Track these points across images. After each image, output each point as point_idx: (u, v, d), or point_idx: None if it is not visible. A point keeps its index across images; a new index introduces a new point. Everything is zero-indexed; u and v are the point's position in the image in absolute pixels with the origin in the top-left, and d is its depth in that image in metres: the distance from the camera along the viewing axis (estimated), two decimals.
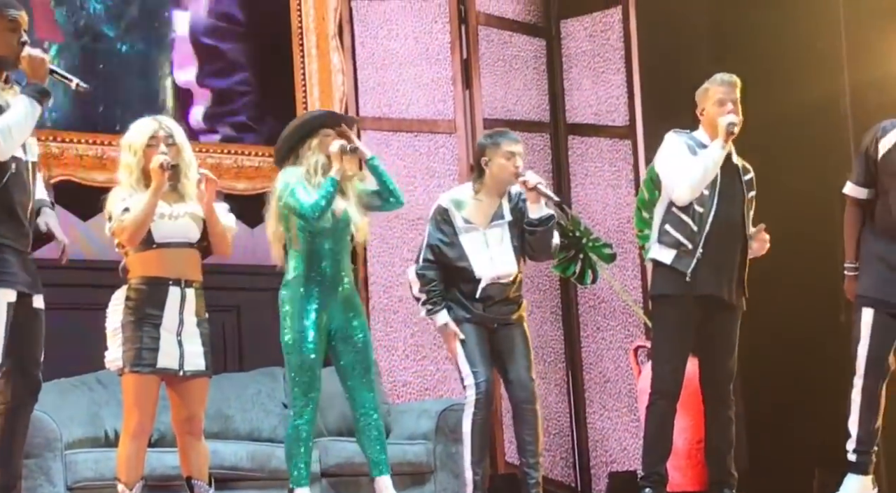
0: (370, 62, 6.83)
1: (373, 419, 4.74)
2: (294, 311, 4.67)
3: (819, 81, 6.57)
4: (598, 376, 7.04)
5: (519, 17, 7.15)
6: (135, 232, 4.28)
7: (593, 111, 7.20)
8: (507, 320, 5.06)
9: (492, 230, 5.04)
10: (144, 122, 4.47)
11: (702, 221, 4.84)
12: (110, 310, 4.38)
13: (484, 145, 5.13)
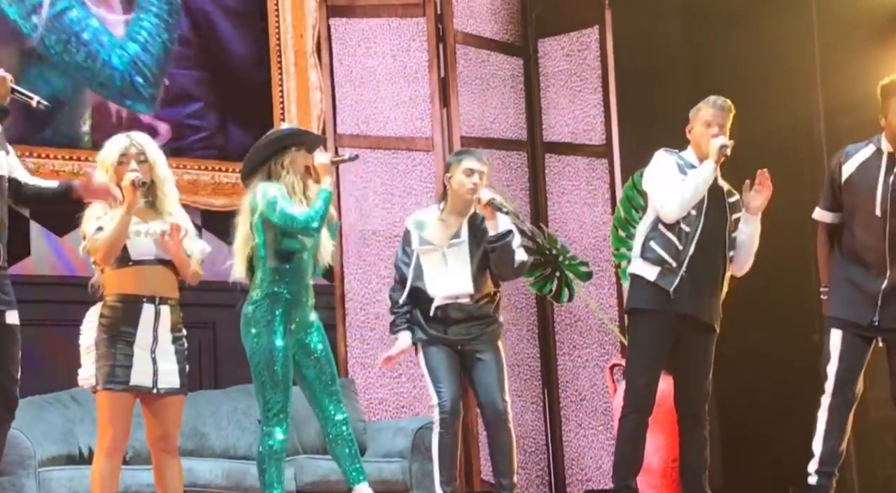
0: (348, 80, 6.84)
1: (342, 430, 4.70)
2: (262, 329, 4.61)
3: (793, 104, 6.62)
4: (574, 393, 7.06)
5: (496, 36, 7.18)
6: (108, 251, 4.27)
7: (570, 130, 7.23)
8: (473, 340, 5.02)
9: (450, 250, 5.03)
10: (116, 139, 4.45)
11: (687, 241, 4.85)
12: (84, 327, 4.37)
13: (449, 163, 5.16)
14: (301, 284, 4.67)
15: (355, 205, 6.73)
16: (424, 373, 5.01)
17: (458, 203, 5.06)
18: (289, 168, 4.64)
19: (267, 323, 4.60)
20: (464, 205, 5.06)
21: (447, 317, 5.00)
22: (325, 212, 4.54)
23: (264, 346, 4.59)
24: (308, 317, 4.70)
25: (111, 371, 4.28)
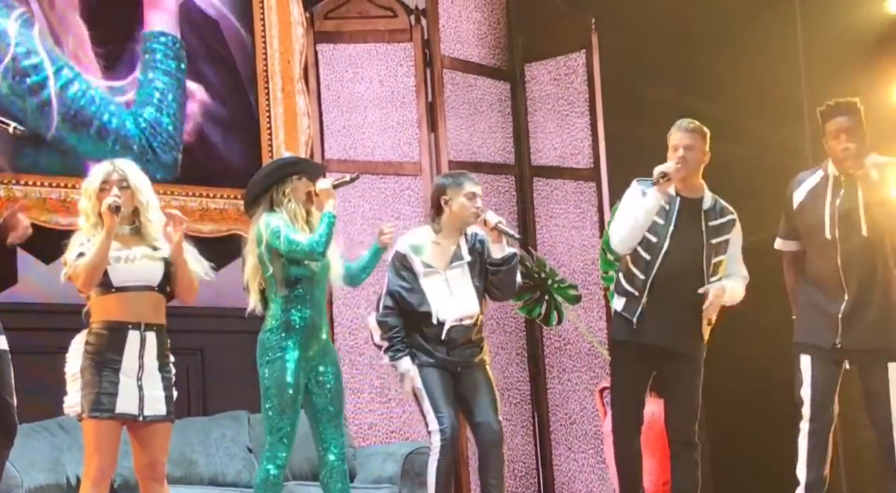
0: (336, 105, 6.86)
1: (337, 464, 4.70)
2: (275, 358, 4.65)
3: (781, 125, 6.63)
4: (564, 417, 7.04)
5: (484, 60, 7.20)
6: (88, 277, 4.25)
7: (558, 154, 7.25)
8: (470, 363, 5.05)
9: (452, 272, 5.05)
10: (99, 166, 4.45)
11: (648, 269, 4.86)
12: (70, 355, 4.34)
13: (444, 185, 5.13)
14: (315, 310, 4.69)
15: (343, 230, 6.71)
16: (422, 397, 4.99)
17: (456, 226, 5.06)
18: (290, 196, 4.70)
19: (280, 350, 4.64)
20: (462, 227, 5.07)
21: (451, 339, 5.00)
22: (328, 236, 4.58)
23: (276, 373, 4.62)
24: (324, 345, 4.73)
25: (97, 399, 4.25)
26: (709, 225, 4.93)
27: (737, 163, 6.30)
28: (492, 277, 5.06)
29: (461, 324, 5.01)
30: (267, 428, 4.66)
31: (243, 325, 6.48)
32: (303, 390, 4.67)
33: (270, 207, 4.69)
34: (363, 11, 6.91)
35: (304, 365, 4.67)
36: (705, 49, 6.99)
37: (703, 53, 7.00)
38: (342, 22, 6.89)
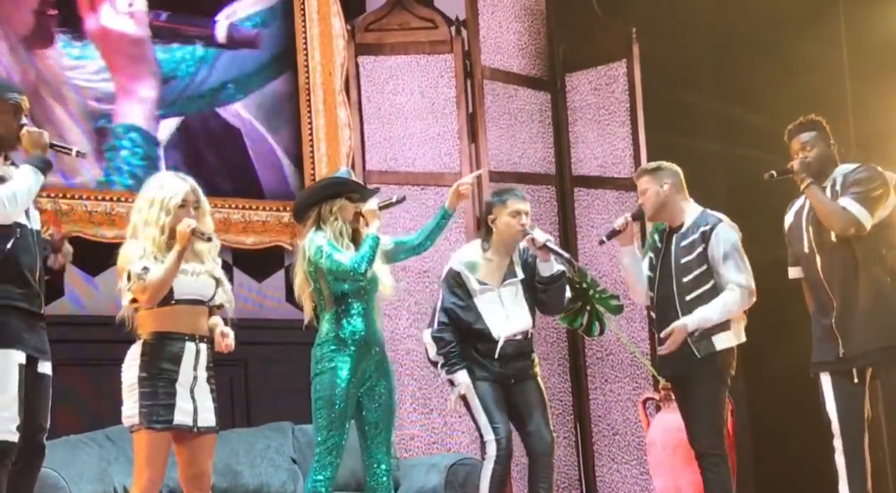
0: (376, 117, 6.88)
1: (383, 480, 4.73)
2: (325, 369, 4.67)
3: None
4: (607, 428, 7.02)
5: (524, 71, 7.20)
6: (156, 292, 4.27)
7: (599, 163, 7.23)
8: (523, 374, 5.09)
9: (505, 289, 5.12)
10: (175, 181, 4.44)
11: (655, 307, 5.04)
12: (126, 365, 4.36)
13: (491, 204, 5.20)
14: (367, 323, 4.72)
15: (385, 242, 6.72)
16: (477, 409, 5.02)
17: (505, 243, 5.11)
18: (337, 214, 4.74)
19: (331, 362, 4.66)
20: (511, 245, 5.12)
21: (505, 354, 5.06)
22: (370, 256, 4.63)
23: (326, 385, 4.65)
24: (379, 359, 4.75)
25: (153, 410, 4.27)
26: (680, 246, 4.98)
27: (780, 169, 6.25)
28: (540, 294, 5.11)
29: (514, 339, 5.07)
30: (317, 440, 4.68)
31: (286, 336, 6.55)
32: (354, 404, 4.70)
33: (318, 223, 4.74)
34: (404, 23, 6.94)
35: (357, 379, 4.69)
36: (748, 58, 6.96)
37: (746, 62, 6.97)
38: (383, 34, 6.92)
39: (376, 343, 4.75)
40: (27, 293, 4.07)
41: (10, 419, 3.95)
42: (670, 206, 5.02)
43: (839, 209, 4.64)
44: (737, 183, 6.89)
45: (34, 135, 4.13)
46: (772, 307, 5.09)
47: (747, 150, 6.54)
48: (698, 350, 4.92)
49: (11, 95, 4.15)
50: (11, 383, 3.96)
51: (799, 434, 6.67)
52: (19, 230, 4.07)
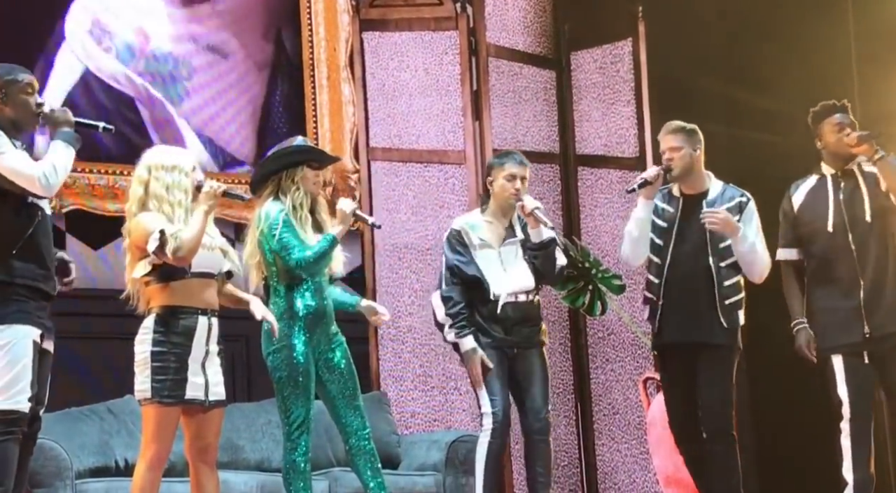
0: (381, 93, 6.85)
1: (364, 444, 4.69)
2: (280, 346, 4.62)
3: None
4: (607, 407, 7.02)
5: (529, 48, 7.17)
6: (190, 252, 4.25)
7: (603, 142, 7.21)
8: (527, 343, 5.05)
9: (505, 248, 5.10)
10: (180, 150, 4.53)
11: (660, 273, 4.94)
12: (138, 339, 4.34)
13: (491, 166, 5.23)
14: (318, 298, 4.67)
15: (388, 218, 6.73)
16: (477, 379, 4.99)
17: (501, 206, 5.12)
18: (298, 184, 4.67)
19: (285, 338, 4.61)
20: (507, 208, 5.13)
21: (507, 317, 5.01)
22: (319, 256, 4.56)
23: (284, 360, 4.61)
24: (330, 331, 4.70)
25: (165, 385, 4.27)
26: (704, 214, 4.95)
27: (785, 154, 6.25)
28: (533, 261, 5.08)
29: (516, 300, 5.02)
30: (283, 418, 4.63)
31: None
32: (314, 377, 4.64)
33: (276, 194, 4.66)
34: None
35: (313, 352, 4.64)
36: (755, 40, 6.94)
37: (753, 44, 6.95)
38: (388, 10, 6.89)
39: (326, 315, 4.69)
40: (46, 274, 4.12)
41: (23, 390, 3.98)
42: (697, 171, 4.97)
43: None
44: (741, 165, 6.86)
45: (58, 113, 4.13)
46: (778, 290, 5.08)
47: (752, 132, 6.54)
48: (728, 321, 4.87)
49: (23, 76, 4.14)
50: (27, 356, 4.00)
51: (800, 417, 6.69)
52: (40, 213, 4.11)
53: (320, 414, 4.84)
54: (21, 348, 3.99)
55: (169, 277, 4.33)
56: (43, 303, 4.12)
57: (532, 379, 5.03)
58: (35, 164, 4.03)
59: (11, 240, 4.02)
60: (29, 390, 4.00)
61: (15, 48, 5.74)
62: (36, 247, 4.08)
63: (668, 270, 4.90)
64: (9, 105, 4.09)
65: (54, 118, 4.13)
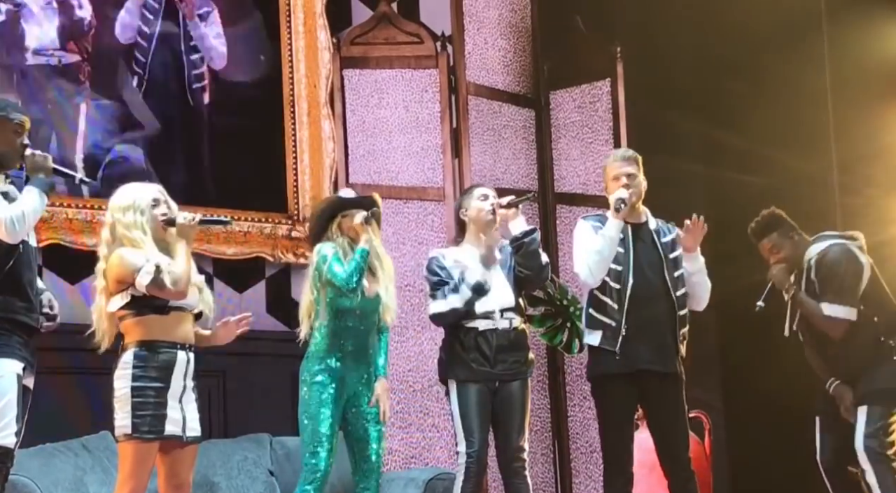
0: (361, 130, 6.88)
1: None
2: (312, 386, 4.71)
3: (807, 155, 6.64)
4: (585, 445, 7.01)
5: (508, 87, 7.22)
6: (187, 284, 4.28)
7: (581, 181, 7.25)
8: (511, 374, 4.98)
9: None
10: (140, 185, 4.50)
11: (620, 298, 4.89)
12: (118, 374, 4.31)
13: (459, 201, 5.26)
14: (358, 343, 4.73)
15: None
16: (455, 415, 4.96)
17: (479, 230, 5.10)
18: (337, 232, 4.87)
19: (317, 380, 4.70)
20: (485, 229, 5.10)
21: (490, 346, 4.95)
22: (357, 268, 4.69)
23: (311, 402, 4.70)
24: (366, 376, 4.76)
25: (146, 420, 4.25)
26: (662, 242, 5.00)
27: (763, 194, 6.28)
28: (517, 257, 5.03)
29: (497, 328, 4.96)
30: (304, 453, 4.71)
31: (265, 347, 6.53)
32: (339, 419, 4.71)
33: (326, 239, 4.90)
34: (390, 37, 6.95)
35: (343, 395, 4.71)
36: (731, 80, 7.00)
37: (730, 84, 7.01)
38: (369, 48, 6.94)
39: (365, 361, 4.74)
40: (28, 307, 4.12)
41: (9, 424, 3.97)
42: (639, 201, 5.03)
43: (826, 319, 4.97)
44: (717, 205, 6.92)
45: (38, 158, 4.16)
46: (749, 330, 5.11)
47: (729, 172, 6.58)
48: (681, 350, 4.91)
49: (16, 115, 4.18)
50: (12, 391, 4.00)
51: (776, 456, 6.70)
52: (22, 246, 4.12)
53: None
54: (6, 382, 3.99)
55: (147, 311, 4.31)
56: (25, 338, 4.11)
57: (509, 413, 4.97)
58: (6, 208, 4.03)
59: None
60: (15, 424, 3.98)
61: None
62: (17, 280, 4.07)
63: (629, 296, 4.88)
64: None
65: (34, 162, 4.16)
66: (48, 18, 6.25)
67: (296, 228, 6.82)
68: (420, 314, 6.58)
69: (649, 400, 4.94)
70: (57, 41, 6.25)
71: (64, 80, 6.23)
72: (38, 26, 6.19)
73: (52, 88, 6.20)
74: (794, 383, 6.40)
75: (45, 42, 6.21)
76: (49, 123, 6.15)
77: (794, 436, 6.40)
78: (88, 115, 6.34)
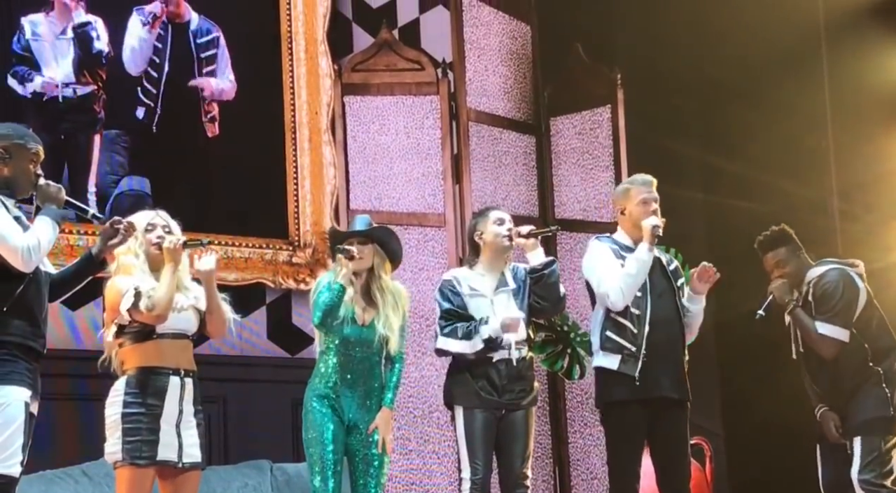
0: (361, 156, 6.90)
1: None
2: (313, 411, 4.71)
3: (807, 181, 6.65)
4: (586, 472, 7.00)
5: (509, 114, 7.24)
6: (166, 308, 4.27)
7: (581, 207, 7.26)
8: (517, 404, 4.96)
9: (498, 297, 5.00)
10: (140, 212, 4.52)
11: (640, 323, 4.88)
12: (109, 401, 4.32)
13: (474, 223, 5.13)
14: (359, 370, 4.73)
15: None
16: (461, 441, 4.93)
17: (494, 255, 5.04)
18: (338, 263, 4.80)
19: (317, 407, 4.70)
20: (499, 258, 5.03)
21: (500, 376, 4.91)
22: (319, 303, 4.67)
23: (313, 430, 4.69)
24: (368, 403, 4.75)
25: (136, 446, 4.24)
26: (670, 270, 5.02)
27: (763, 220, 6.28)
28: (534, 287, 4.99)
29: (509, 357, 4.95)
30: (312, 478, 4.70)
31: (266, 373, 6.54)
32: (342, 445, 4.71)
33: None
34: (391, 64, 6.98)
35: (344, 420, 4.72)
36: (732, 107, 7.02)
37: (730, 110, 7.02)
38: (370, 74, 6.96)
39: (366, 388, 4.74)
40: (36, 332, 4.10)
41: (15, 453, 3.96)
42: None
43: (819, 337, 4.95)
44: (717, 231, 6.93)
45: (52, 189, 4.15)
46: (748, 357, 5.11)
47: (728, 198, 6.59)
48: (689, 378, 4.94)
49: (33, 145, 4.17)
50: (18, 418, 3.98)
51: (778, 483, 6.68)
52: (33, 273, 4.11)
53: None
54: (14, 410, 3.97)
55: (140, 338, 4.32)
56: (34, 364, 4.11)
57: (512, 440, 4.95)
58: (22, 236, 4.02)
59: (1, 298, 4.00)
60: (20, 453, 3.97)
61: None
62: (27, 305, 4.06)
63: (649, 322, 4.87)
64: (9, 167, 4.11)
65: (48, 193, 4.15)
66: (63, 50, 6.30)
67: (297, 254, 6.83)
68: (421, 340, 6.59)
69: (657, 427, 4.91)
70: (72, 73, 6.31)
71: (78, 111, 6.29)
72: (54, 58, 6.25)
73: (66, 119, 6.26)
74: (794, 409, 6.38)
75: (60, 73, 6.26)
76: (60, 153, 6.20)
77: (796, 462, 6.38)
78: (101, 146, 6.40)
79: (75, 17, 6.38)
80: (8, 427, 3.95)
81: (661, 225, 4.90)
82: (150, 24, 6.61)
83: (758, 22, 6.81)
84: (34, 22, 6.28)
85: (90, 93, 6.38)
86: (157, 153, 6.59)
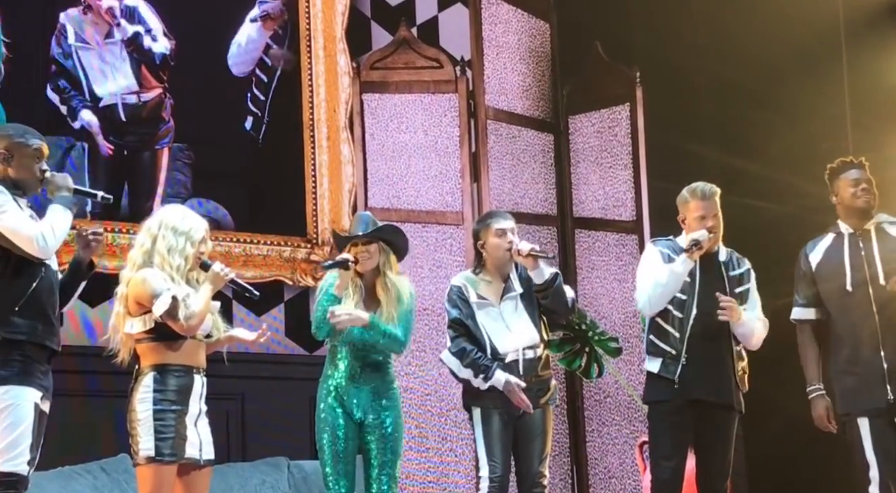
0: (380, 154, 6.91)
1: None
2: (325, 406, 4.76)
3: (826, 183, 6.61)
4: (603, 471, 6.99)
5: (528, 112, 7.24)
6: (200, 324, 4.31)
7: (600, 205, 7.26)
8: (534, 403, 4.96)
9: (505, 305, 5.03)
10: (195, 215, 4.47)
11: (682, 327, 4.88)
12: (139, 398, 4.31)
13: (477, 230, 5.16)
14: (357, 362, 4.76)
15: None
16: (479, 441, 4.95)
17: (496, 264, 5.08)
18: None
19: (327, 400, 4.75)
20: (503, 264, 5.08)
21: (516, 375, 4.92)
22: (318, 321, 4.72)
23: (325, 422, 4.74)
24: (374, 395, 4.77)
25: (168, 443, 4.26)
26: (730, 276, 4.98)
27: (782, 221, 6.28)
28: (542, 302, 5.05)
29: (524, 357, 4.97)
30: (325, 475, 4.75)
31: (284, 371, 6.56)
32: (354, 442, 4.74)
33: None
34: (409, 62, 6.98)
35: (355, 414, 4.74)
36: (750, 106, 7.00)
37: (749, 111, 7.00)
38: (388, 72, 6.97)
39: (374, 381, 4.75)
40: (49, 331, 4.13)
41: (23, 452, 4.00)
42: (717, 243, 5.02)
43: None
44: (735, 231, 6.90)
45: (59, 178, 4.20)
46: (770, 356, 5.08)
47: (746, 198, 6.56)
48: (740, 385, 4.91)
49: (34, 141, 4.21)
50: (27, 419, 4.02)
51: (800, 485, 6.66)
52: (44, 269, 4.14)
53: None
54: (23, 410, 4.01)
55: (172, 337, 4.33)
56: (46, 365, 4.13)
57: (529, 440, 4.97)
58: (34, 224, 4.06)
59: (13, 297, 4.05)
60: (28, 453, 4.01)
61: None
62: (39, 304, 4.10)
63: (692, 325, 4.87)
64: (13, 167, 4.14)
65: (54, 183, 4.19)
66: (120, 58, 6.30)
67: (315, 251, 6.85)
68: (438, 338, 6.59)
69: (701, 430, 4.92)
70: (134, 82, 6.32)
71: (144, 120, 6.33)
72: (113, 65, 6.26)
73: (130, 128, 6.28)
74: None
75: (121, 83, 6.26)
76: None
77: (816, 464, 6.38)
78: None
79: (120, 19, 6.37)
80: (17, 427, 3.99)
81: (702, 241, 4.87)
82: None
83: (777, 22, 6.79)
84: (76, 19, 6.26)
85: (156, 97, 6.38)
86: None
